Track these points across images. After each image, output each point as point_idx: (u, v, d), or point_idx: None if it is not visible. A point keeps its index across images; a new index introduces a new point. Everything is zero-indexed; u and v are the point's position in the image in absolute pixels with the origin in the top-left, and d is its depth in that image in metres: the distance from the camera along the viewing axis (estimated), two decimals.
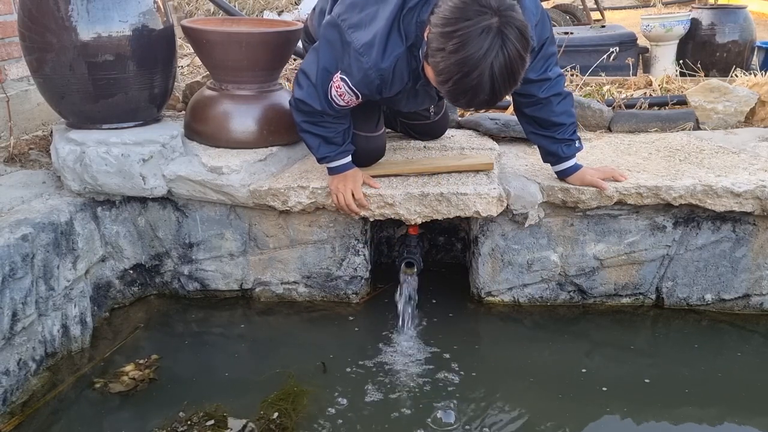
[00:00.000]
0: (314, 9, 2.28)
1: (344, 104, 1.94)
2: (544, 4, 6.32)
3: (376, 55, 1.79)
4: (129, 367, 2.05)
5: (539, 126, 2.14)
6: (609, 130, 2.80)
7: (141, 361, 2.08)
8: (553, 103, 2.08)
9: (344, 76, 1.86)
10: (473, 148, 2.48)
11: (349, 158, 2.12)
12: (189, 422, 1.81)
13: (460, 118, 2.80)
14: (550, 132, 2.13)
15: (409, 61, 1.84)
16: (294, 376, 1.98)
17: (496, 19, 1.56)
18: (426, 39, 1.69)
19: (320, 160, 2.13)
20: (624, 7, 8.57)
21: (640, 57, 4.38)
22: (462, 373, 2.02)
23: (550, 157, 2.20)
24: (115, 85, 2.21)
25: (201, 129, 2.37)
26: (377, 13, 1.79)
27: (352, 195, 2.09)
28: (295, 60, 3.38)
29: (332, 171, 2.13)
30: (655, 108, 2.92)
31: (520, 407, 1.88)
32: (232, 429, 1.78)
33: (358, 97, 1.92)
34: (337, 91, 1.89)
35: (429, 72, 1.71)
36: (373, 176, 2.20)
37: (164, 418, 1.83)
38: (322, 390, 1.94)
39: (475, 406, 1.88)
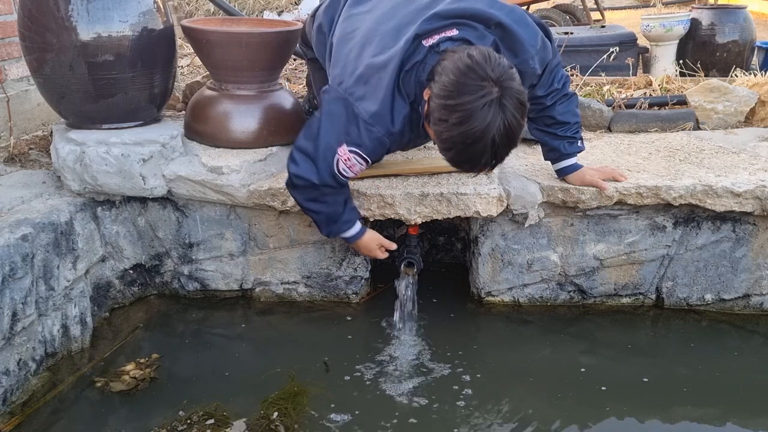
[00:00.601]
0: (312, 16, 2.27)
1: (353, 174, 1.93)
2: (544, 5, 6.33)
3: (387, 122, 1.82)
4: (130, 366, 2.05)
5: (543, 124, 2.15)
6: (609, 130, 2.80)
7: (142, 361, 2.08)
8: (558, 103, 2.10)
9: (354, 148, 1.85)
10: None
11: (357, 227, 2.08)
12: (189, 421, 1.81)
13: None
14: (553, 129, 2.14)
15: (412, 117, 1.86)
16: (295, 377, 1.98)
17: (497, 89, 1.60)
18: (426, 99, 1.72)
19: (328, 235, 2.12)
20: (624, 7, 8.58)
21: (640, 57, 4.38)
22: (462, 373, 2.02)
23: (551, 153, 2.20)
24: (115, 85, 2.21)
25: (201, 129, 2.37)
26: (379, 82, 1.80)
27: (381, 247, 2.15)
28: (295, 60, 3.38)
29: (349, 242, 2.14)
30: (655, 108, 2.92)
31: (519, 407, 1.88)
32: (231, 428, 1.78)
33: (368, 163, 1.92)
34: (346, 164, 1.87)
35: (431, 133, 1.76)
36: (374, 176, 2.20)
37: (164, 417, 1.83)
38: (323, 390, 1.94)
39: (475, 405, 1.88)
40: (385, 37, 1.84)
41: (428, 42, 1.77)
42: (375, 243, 2.15)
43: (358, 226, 2.09)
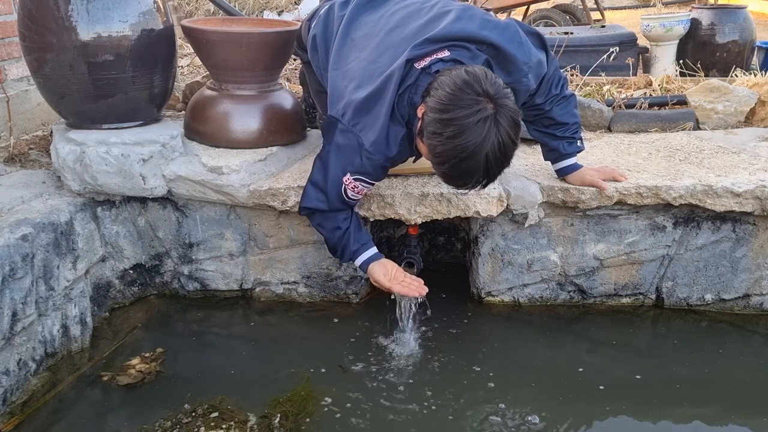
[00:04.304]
0: (308, 20, 2.27)
1: (361, 196, 2.01)
2: (544, 5, 6.33)
3: (384, 149, 1.87)
4: (135, 360, 2.06)
5: (542, 125, 2.15)
6: (609, 130, 2.80)
7: (147, 355, 2.09)
8: (556, 105, 2.10)
9: (359, 176, 1.92)
10: None
11: (362, 258, 2.04)
12: (194, 414, 1.82)
13: None
14: (552, 130, 2.14)
15: (410, 136, 1.89)
16: (310, 378, 1.98)
17: (491, 106, 1.62)
18: (419, 117, 1.74)
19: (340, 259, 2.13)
20: (624, 7, 8.59)
21: (640, 57, 4.38)
22: (462, 373, 2.02)
23: (551, 153, 2.20)
24: (115, 85, 2.21)
25: (201, 129, 2.37)
26: (379, 111, 1.84)
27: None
28: (295, 60, 3.37)
29: (362, 268, 2.08)
30: (655, 108, 2.92)
31: (519, 407, 1.88)
32: (235, 421, 1.79)
33: (374, 185, 2.00)
34: (353, 190, 1.95)
35: (423, 149, 1.78)
36: None
37: (169, 410, 1.84)
38: (322, 389, 1.94)
39: (475, 405, 1.88)
40: (381, 69, 1.86)
41: (420, 65, 1.80)
42: (380, 274, 2.03)
43: (364, 257, 2.04)
